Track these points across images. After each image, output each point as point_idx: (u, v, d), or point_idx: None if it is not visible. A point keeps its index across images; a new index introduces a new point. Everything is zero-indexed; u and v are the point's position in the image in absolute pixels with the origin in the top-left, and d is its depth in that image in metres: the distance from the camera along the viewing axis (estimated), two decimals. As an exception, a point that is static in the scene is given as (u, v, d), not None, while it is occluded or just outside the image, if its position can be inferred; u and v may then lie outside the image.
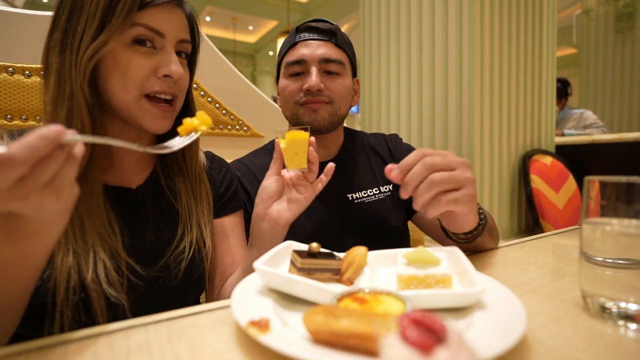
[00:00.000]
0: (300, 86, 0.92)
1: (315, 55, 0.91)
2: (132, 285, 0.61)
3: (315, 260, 0.49)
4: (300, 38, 0.94)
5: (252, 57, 10.57)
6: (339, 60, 0.93)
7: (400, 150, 1.06)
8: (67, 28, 0.58)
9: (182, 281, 0.67)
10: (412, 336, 0.26)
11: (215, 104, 1.24)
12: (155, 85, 0.62)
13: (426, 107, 1.98)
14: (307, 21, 0.98)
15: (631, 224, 0.43)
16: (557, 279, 0.58)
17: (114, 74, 0.60)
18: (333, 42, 0.94)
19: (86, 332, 0.41)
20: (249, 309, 0.42)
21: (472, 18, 1.80)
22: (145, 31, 0.60)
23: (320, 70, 0.92)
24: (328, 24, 0.96)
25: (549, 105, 2.25)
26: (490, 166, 1.93)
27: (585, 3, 4.58)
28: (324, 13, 7.50)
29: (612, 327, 0.42)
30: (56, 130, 0.35)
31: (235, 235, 0.79)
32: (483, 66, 1.84)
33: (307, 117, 0.92)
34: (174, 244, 0.67)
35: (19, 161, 0.33)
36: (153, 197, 0.70)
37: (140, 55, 0.60)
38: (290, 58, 0.93)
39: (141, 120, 0.62)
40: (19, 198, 0.35)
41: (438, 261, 0.50)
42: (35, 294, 0.54)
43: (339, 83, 0.93)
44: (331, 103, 0.92)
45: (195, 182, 0.73)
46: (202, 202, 0.73)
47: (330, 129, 0.95)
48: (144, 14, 0.59)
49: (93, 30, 0.57)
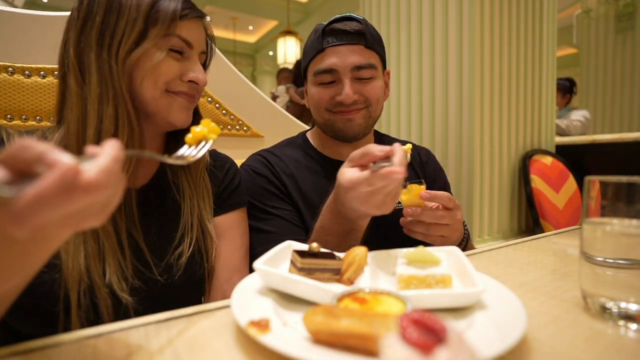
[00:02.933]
0: (332, 95, 0.88)
1: (346, 64, 0.87)
2: (137, 286, 0.62)
3: (315, 260, 0.49)
4: (329, 44, 0.88)
5: (252, 57, 10.56)
6: (371, 64, 0.88)
7: (434, 166, 1.05)
8: (103, 29, 0.61)
9: (183, 280, 0.67)
10: (412, 336, 0.26)
11: (215, 104, 1.24)
12: (179, 87, 0.68)
13: (426, 107, 1.98)
14: (333, 20, 0.91)
15: (631, 224, 0.43)
16: (557, 279, 0.58)
17: (148, 74, 0.64)
18: (363, 44, 0.88)
19: (86, 332, 0.41)
20: (249, 309, 0.42)
21: (472, 18, 1.80)
22: (179, 42, 0.66)
23: (352, 79, 0.88)
24: (356, 23, 0.90)
25: (549, 105, 2.24)
26: (490, 166, 1.93)
27: (585, 3, 4.58)
28: (324, 13, 7.49)
29: (612, 327, 0.42)
30: (118, 147, 0.33)
31: (229, 237, 0.78)
32: (483, 66, 1.84)
33: (341, 125, 0.90)
34: (175, 241, 0.68)
35: (103, 186, 0.30)
36: (158, 196, 0.71)
37: (172, 60, 0.66)
38: (320, 66, 0.89)
39: (170, 111, 0.67)
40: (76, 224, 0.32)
41: (438, 261, 0.50)
42: (47, 297, 0.55)
43: (372, 87, 0.90)
44: (366, 108, 0.90)
45: (198, 180, 0.74)
46: (204, 200, 0.74)
47: (365, 133, 0.93)
48: (179, 26, 0.65)
49: (135, 36, 0.61)
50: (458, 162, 1.86)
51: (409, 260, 0.51)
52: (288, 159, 0.95)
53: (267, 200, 0.88)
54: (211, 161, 0.81)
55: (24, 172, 0.29)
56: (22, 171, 0.29)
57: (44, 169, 0.28)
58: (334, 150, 0.99)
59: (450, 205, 0.75)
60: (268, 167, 0.93)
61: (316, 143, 1.02)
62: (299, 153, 0.99)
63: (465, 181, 1.83)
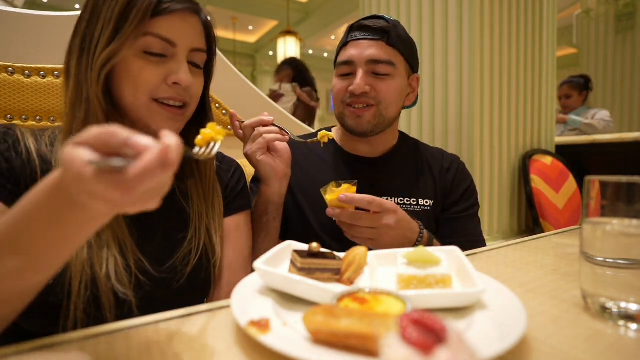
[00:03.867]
0: (347, 87, 0.91)
1: (362, 57, 0.89)
2: (140, 283, 0.61)
3: (315, 260, 0.49)
4: (352, 37, 0.93)
5: (252, 57, 10.56)
6: (389, 60, 0.89)
7: (459, 175, 1.01)
8: (85, 33, 0.60)
9: (187, 284, 0.67)
10: (412, 336, 0.26)
11: (215, 104, 1.24)
12: (165, 92, 0.63)
13: (426, 107, 1.98)
14: (362, 18, 0.95)
15: (631, 224, 0.43)
16: (557, 279, 0.58)
17: (125, 81, 0.61)
18: (385, 41, 0.90)
19: (86, 332, 0.41)
20: (249, 309, 0.42)
21: (472, 18, 1.80)
22: (156, 41, 0.60)
23: (367, 72, 0.89)
24: (382, 21, 0.92)
25: (549, 105, 2.24)
26: (490, 166, 1.93)
27: (585, 3, 4.58)
28: (324, 13, 7.50)
29: (612, 327, 0.42)
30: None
31: (233, 239, 0.78)
32: (483, 66, 1.84)
33: (351, 121, 0.92)
34: (183, 247, 0.67)
35: (174, 162, 0.33)
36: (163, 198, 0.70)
37: (151, 64, 0.61)
38: (341, 58, 0.93)
39: (150, 121, 0.63)
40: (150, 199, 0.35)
41: (438, 261, 0.50)
42: (51, 291, 0.55)
43: (387, 84, 0.90)
44: (377, 105, 0.90)
45: (208, 188, 0.73)
46: (214, 208, 0.73)
47: (375, 132, 0.93)
48: (157, 22, 0.60)
49: (107, 37, 0.58)
50: (458, 162, 1.86)
51: (409, 260, 0.51)
52: (299, 149, 0.95)
53: None
54: (217, 164, 0.80)
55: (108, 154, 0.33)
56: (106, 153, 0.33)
57: (130, 151, 0.33)
58: (351, 145, 1.01)
59: (373, 209, 0.73)
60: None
61: (337, 135, 1.04)
62: (317, 143, 0.98)
63: (465, 181, 1.83)
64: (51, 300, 0.55)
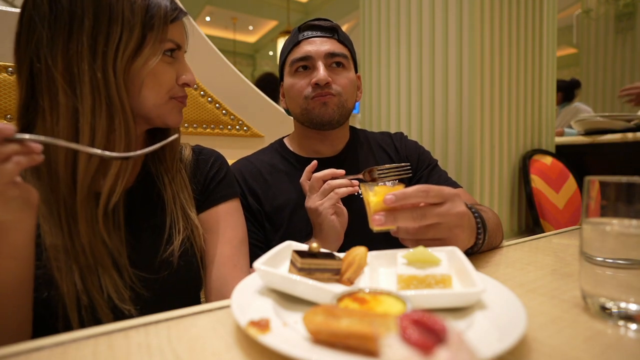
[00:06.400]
0: (308, 81, 0.93)
1: (320, 51, 0.94)
2: (138, 294, 0.62)
3: (315, 260, 0.49)
4: (304, 36, 0.97)
5: (252, 57, 10.56)
6: (344, 54, 0.96)
7: (406, 146, 1.07)
8: (95, 34, 0.57)
9: (180, 273, 0.67)
10: (412, 336, 0.26)
11: (215, 104, 1.24)
12: (179, 92, 0.69)
13: (426, 107, 1.98)
14: (308, 20, 1.00)
15: (631, 224, 0.43)
16: (557, 279, 0.58)
17: (148, 82, 0.63)
18: (336, 38, 0.97)
19: (86, 332, 0.41)
20: (249, 309, 0.42)
21: (472, 18, 1.80)
22: (171, 45, 0.66)
23: (326, 65, 0.94)
24: (329, 22, 0.99)
25: (549, 105, 2.24)
26: (490, 166, 1.93)
27: (585, 3, 4.58)
28: (324, 13, 7.50)
29: (612, 328, 0.42)
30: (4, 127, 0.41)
31: (218, 230, 0.77)
32: (483, 66, 1.84)
33: (317, 111, 0.94)
34: (165, 234, 0.68)
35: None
36: (143, 194, 0.71)
37: (167, 65, 0.66)
38: (296, 55, 0.95)
39: (169, 116, 0.69)
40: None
41: (438, 261, 0.50)
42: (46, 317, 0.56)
43: (344, 76, 0.96)
44: (339, 96, 0.94)
45: (174, 170, 0.75)
46: (182, 190, 0.74)
47: (340, 122, 0.97)
48: (170, 29, 0.65)
49: (134, 43, 0.59)
50: (458, 162, 1.86)
51: (409, 261, 0.51)
52: (262, 164, 0.99)
53: None
54: (194, 156, 0.81)
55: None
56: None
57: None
58: (311, 149, 1.02)
59: (432, 200, 0.58)
60: (239, 182, 0.96)
61: (293, 145, 1.05)
62: (275, 157, 1.03)
63: (465, 181, 1.83)
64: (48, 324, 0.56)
